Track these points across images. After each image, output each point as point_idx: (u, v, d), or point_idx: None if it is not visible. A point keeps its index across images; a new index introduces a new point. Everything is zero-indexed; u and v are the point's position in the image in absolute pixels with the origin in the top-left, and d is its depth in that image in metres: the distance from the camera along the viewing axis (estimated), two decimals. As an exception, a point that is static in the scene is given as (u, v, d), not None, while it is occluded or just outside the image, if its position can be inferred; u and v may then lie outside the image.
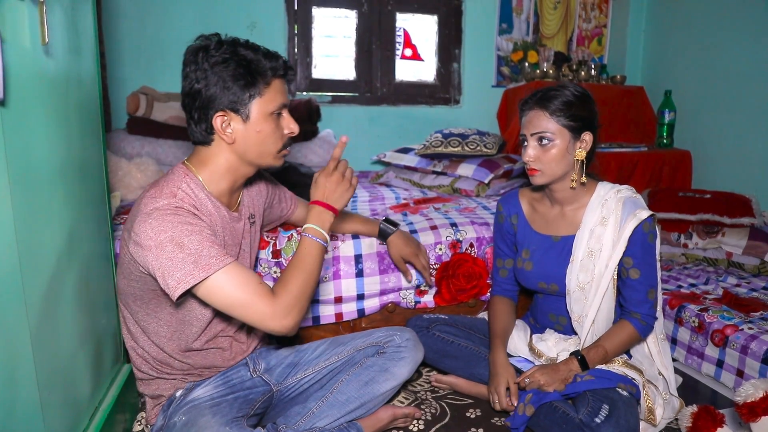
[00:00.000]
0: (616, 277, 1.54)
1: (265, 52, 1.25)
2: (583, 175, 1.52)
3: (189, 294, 1.16)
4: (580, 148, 1.50)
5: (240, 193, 1.41)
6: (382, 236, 1.78)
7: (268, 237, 1.83)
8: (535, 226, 1.67)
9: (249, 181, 1.45)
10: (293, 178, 2.05)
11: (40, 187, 1.04)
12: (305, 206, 1.69)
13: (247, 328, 1.48)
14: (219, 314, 1.34)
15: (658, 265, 1.59)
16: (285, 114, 1.29)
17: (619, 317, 1.58)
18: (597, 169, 1.64)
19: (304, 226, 1.28)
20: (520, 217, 1.70)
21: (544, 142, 1.48)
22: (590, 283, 1.54)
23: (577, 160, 1.50)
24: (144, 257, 1.15)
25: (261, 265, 1.81)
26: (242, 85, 1.20)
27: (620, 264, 1.52)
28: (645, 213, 1.49)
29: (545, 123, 1.48)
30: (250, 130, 1.24)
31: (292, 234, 1.84)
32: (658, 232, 1.56)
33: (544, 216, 1.66)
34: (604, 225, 1.52)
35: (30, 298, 0.97)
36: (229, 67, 1.19)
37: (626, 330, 1.52)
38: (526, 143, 1.52)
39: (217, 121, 1.22)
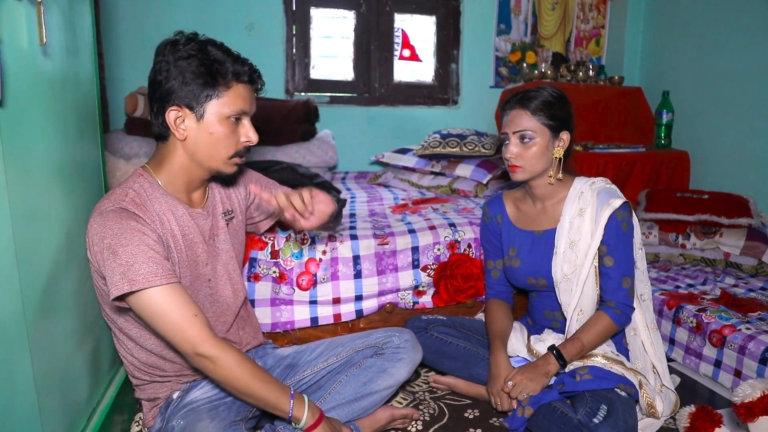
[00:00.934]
0: (597, 265, 1.58)
1: (235, 57, 1.24)
2: (560, 172, 1.59)
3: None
4: (558, 146, 1.56)
5: (205, 189, 1.39)
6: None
7: (266, 238, 1.82)
8: (518, 223, 1.72)
9: (229, 179, 1.44)
10: (291, 179, 2.05)
11: (37, 187, 1.04)
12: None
13: (239, 329, 1.48)
14: None
15: (640, 254, 1.64)
16: (245, 121, 1.27)
17: (597, 308, 1.60)
18: (573, 167, 1.72)
19: (302, 424, 1.24)
20: (504, 217, 1.75)
21: (526, 140, 1.54)
22: (574, 273, 1.58)
23: (556, 157, 1.57)
24: (93, 260, 1.18)
25: (259, 266, 1.81)
26: (200, 83, 1.19)
27: (598, 253, 1.57)
28: (618, 201, 1.54)
29: (526, 121, 1.53)
30: (202, 129, 1.22)
31: (290, 234, 1.84)
32: (635, 222, 1.61)
33: (527, 214, 1.70)
34: (581, 216, 1.58)
35: (27, 299, 0.96)
36: (192, 64, 1.18)
37: (601, 321, 1.55)
38: (507, 141, 1.57)
39: (171, 115, 1.21)
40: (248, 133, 1.27)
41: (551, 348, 1.55)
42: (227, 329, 1.43)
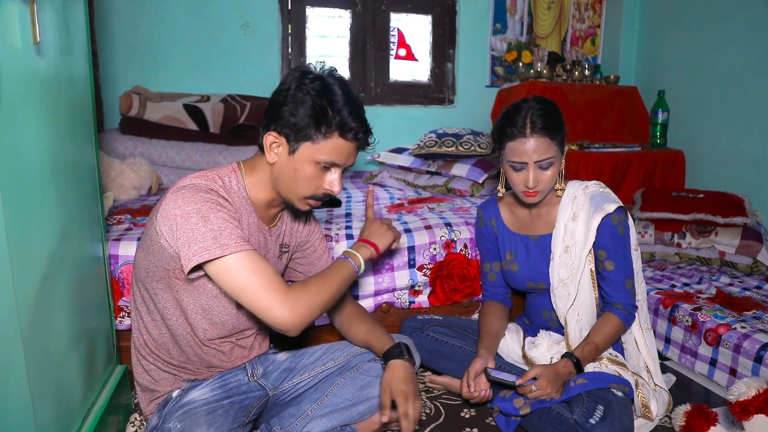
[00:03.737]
0: (593, 269, 1.58)
1: (353, 110, 1.23)
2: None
3: (201, 270, 1.18)
4: (564, 159, 1.56)
5: (280, 213, 1.42)
6: (387, 356, 1.42)
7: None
8: (514, 227, 1.72)
9: (299, 213, 1.47)
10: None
11: (31, 187, 1.03)
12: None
13: (251, 337, 1.47)
14: (228, 318, 1.34)
15: (636, 255, 1.64)
16: (335, 172, 1.28)
17: (602, 310, 1.60)
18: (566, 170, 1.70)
19: (344, 250, 1.37)
20: (499, 220, 1.75)
21: (545, 165, 1.50)
22: (570, 278, 1.59)
23: (562, 170, 1.57)
24: (168, 226, 1.17)
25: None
26: (305, 123, 1.21)
27: (596, 258, 1.58)
28: (612, 206, 1.53)
29: (550, 149, 1.48)
30: (290, 163, 1.25)
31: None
32: (631, 224, 1.61)
33: (522, 218, 1.70)
34: (575, 220, 1.58)
35: (21, 300, 0.96)
36: (306, 102, 1.20)
37: (612, 321, 1.55)
38: (521, 170, 1.51)
39: (269, 138, 1.24)
40: (333, 184, 1.28)
41: (570, 356, 1.51)
42: (240, 336, 1.43)
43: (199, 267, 1.17)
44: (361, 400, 1.43)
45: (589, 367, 1.54)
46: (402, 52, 3.55)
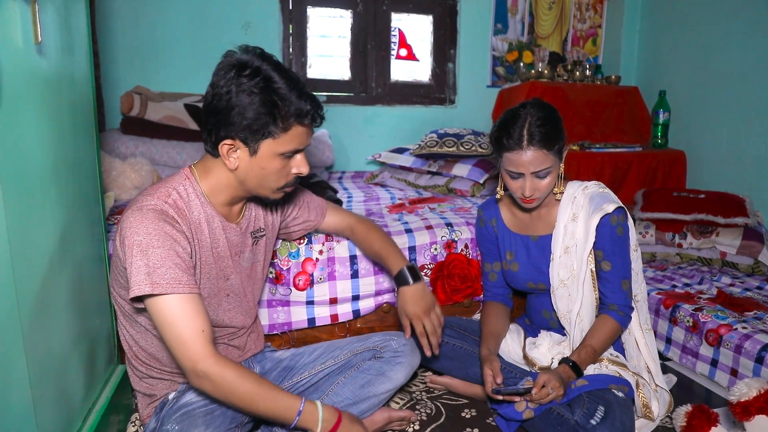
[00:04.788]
0: (593, 269, 1.58)
1: (300, 92, 1.20)
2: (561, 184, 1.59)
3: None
4: (562, 164, 1.55)
5: (243, 207, 1.39)
6: (399, 280, 1.54)
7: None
8: (514, 228, 1.72)
9: (270, 201, 1.44)
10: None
11: (32, 187, 1.04)
12: (338, 214, 1.68)
13: (245, 336, 1.47)
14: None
15: (636, 255, 1.64)
16: (298, 156, 1.27)
17: (599, 312, 1.60)
18: (565, 172, 1.69)
19: (309, 402, 1.22)
20: (499, 221, 1.74)
21: (542, 174, 1.50)
22: (570, 278, 1.59)
23: (561, 174, 1.56)
24: (120, 249, 1.17)
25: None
26: (261, 123, 1.17)
27: (595, 258, 1.57)
28: (611, 206, 1.53)
29: (547, 159, 1.47)
30: (254, 164, 1.22)
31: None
32: (631, 225, 1.61)
33: (522, 219, 1.70)
34: (575, 221, 1.58)
35: (22, 299, 0.96)
36: (254, 102, 1.16)
37: (608, 324, 1.55)
38: (518, 178, 1.51)
39: (224, 148, 1.20)
40: (300, 167, 1.27)
41: (566, 361, 1.51)
42: (230, 336, 1.43)
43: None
44: (362, 398, 1.43)
45: (590, 369, 1.54)
46: (403, 52, 3.55)
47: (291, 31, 3.30)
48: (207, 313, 1.18)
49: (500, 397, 1.46)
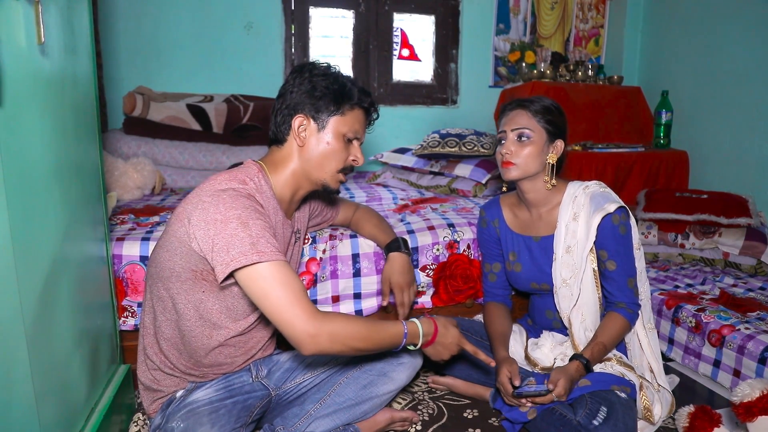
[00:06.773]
0: (595, 269, 1.58)
1: (360, 88, 1.38)
2: (553, 178, 1.60)
3: (231, 278, 1.17)
4: (552, 152, 1.59)
5: (296, 206, 1.47)
6: (390, 247, 1.73)
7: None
8: (516, 228, 1.73)
9: (331, 193, 1.50)
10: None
11: (35, 187, 1.04)
12: (348, 207, 1.83)
13: (263, 344, 1.47)
14: (245, 327, 1.35)
15: (639, 254, 1.64)
16: (356, 144, 1.39)
17: (606, 309, 1.61)
18: (566, 175, 1.74)
19: (411, 319, 1.33)
20: (501, 221, 1.75)
21: (523, 138, 1.57)
22: (573, 278, 1.59)
23: (549, 163, 1.58)
24: (205, 230, 1.17)
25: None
26: (330, 98, 1.32)
27: (598, 258, 1.58)
28: (612, 206, 1.54)
29: (526, 120, 1.58)
30: (320, 139, 1.33)
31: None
32: (633, 224, 1.62)
33: (524, 219, 1.71)
34: (576, 220, 1.59)
35: (25, 299, 0.96)
36: (326, 80, 1.32)
37: (617, 321, 1.56)
38: (504, 140, 1.61)
39: (296, 121, 1.32)
40: (357, 154, 1.39)
41: (579, 358, 1.50)
42: (249, 346, 1.42)
43: (230, 274, 1.16)
44: (364, 399, 1.43)
45: (595, 368, 1.53)
46: (405, 52, 3.55)
47: (293, 32, 3.31)
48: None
49: (523, 400, 1.47)
